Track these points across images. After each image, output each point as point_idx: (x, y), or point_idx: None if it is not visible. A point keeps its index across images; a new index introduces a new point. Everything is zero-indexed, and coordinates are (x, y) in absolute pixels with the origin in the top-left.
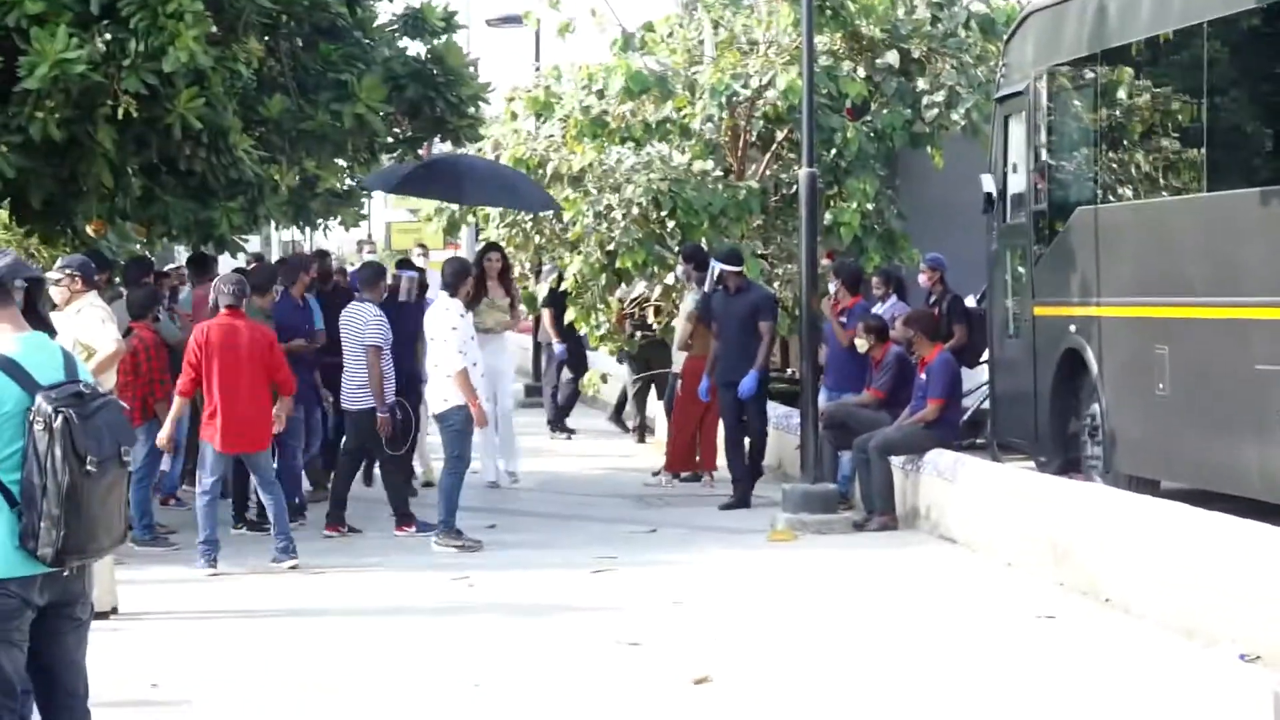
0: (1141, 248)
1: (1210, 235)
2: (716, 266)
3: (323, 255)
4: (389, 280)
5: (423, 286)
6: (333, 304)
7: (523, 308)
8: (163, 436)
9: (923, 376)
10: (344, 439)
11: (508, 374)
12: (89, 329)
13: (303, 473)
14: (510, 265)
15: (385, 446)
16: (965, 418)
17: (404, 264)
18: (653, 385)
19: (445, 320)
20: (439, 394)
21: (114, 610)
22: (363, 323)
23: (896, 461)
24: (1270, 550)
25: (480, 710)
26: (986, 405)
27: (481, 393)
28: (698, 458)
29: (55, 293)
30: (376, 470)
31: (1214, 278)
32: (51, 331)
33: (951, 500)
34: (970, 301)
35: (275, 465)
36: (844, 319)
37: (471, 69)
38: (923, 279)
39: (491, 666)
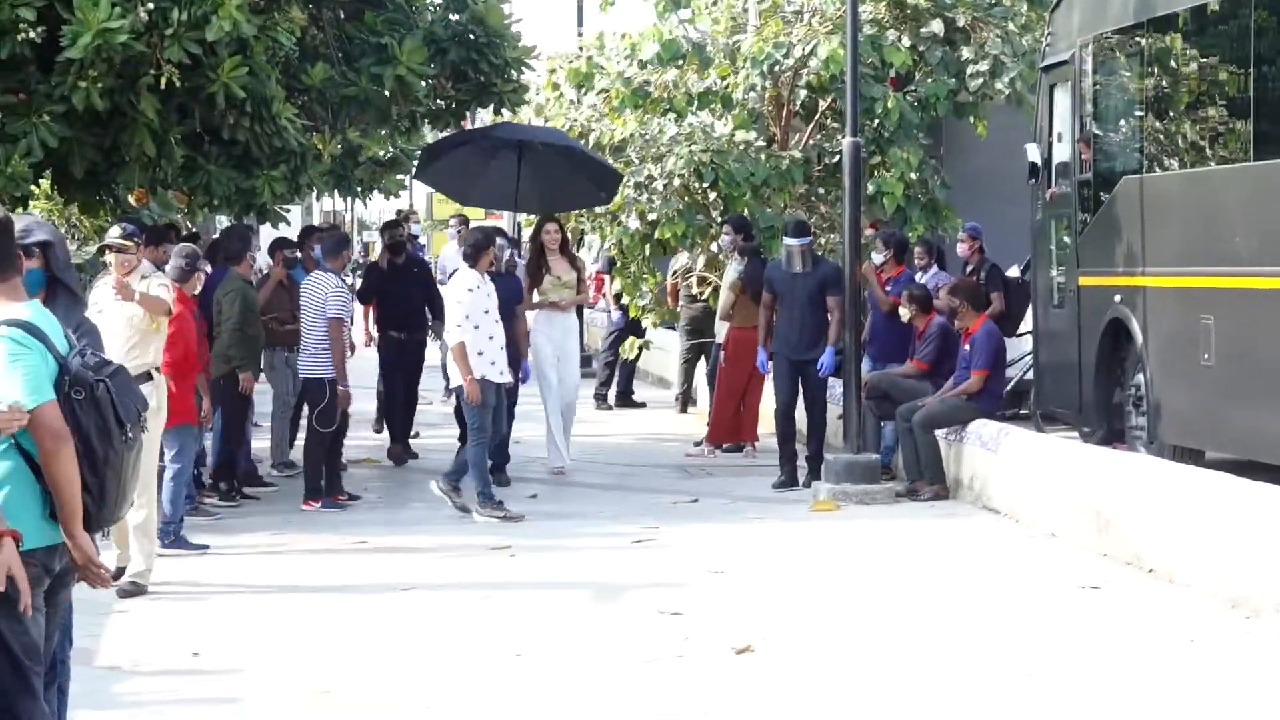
0: (1187, 217)
1: (1257, 204)
2: (786, 242)
3: (393, 225)
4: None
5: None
6: (405, 274)
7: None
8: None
9: (966, 347)
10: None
11: (575, 355)
12: (158, 293)
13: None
14: (569, 238)
15: (315, 419)
16: (1008, 388)
17: (393, 225)
18: (702, 355)
19: (452, 292)
20: (454, 368)
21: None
22: (324, 294)
23: (940, 432)
24: None
25: (522, 680)
26: (1029, 376)
27: (479, 365)
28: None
29: (119, 259)
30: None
31: (1260, 247)
32: (76, 297)
33: (995, 471)
34: (1013, 272)
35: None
36: (889, 288)
37: (514, 29)
38: (961, 248)
39: (533, 637)
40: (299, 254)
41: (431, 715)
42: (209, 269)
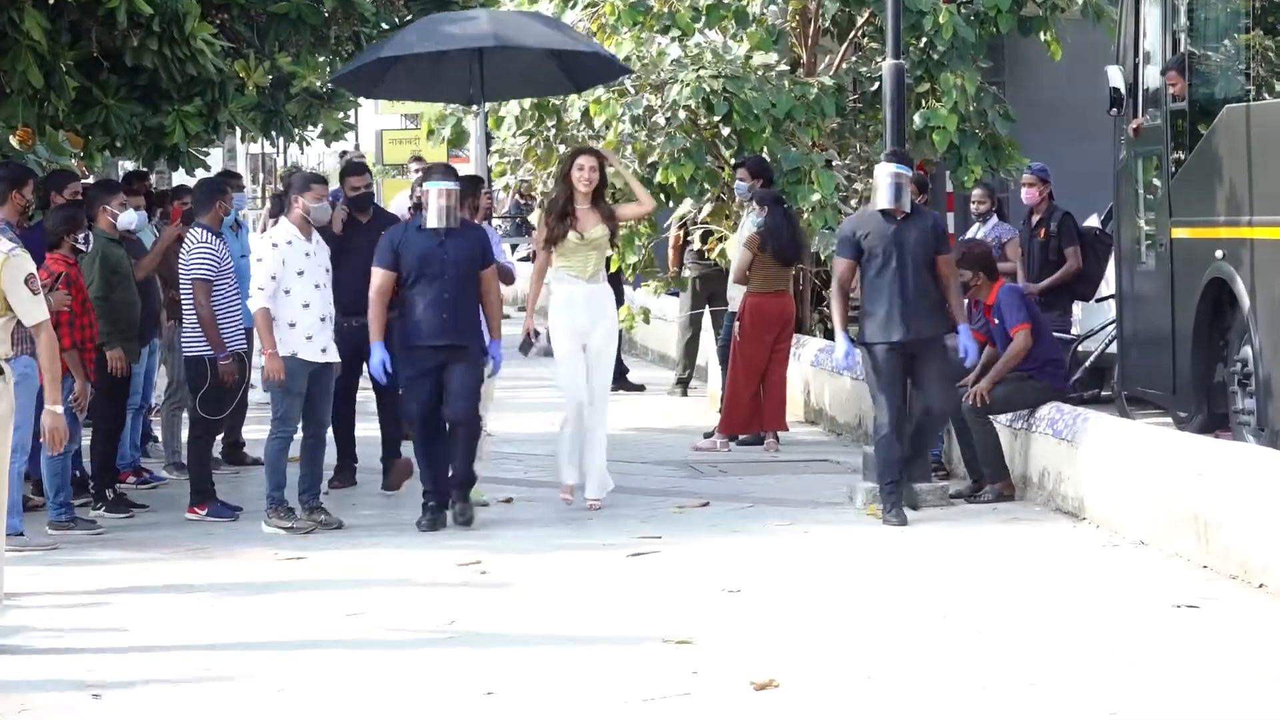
0: None
1: None
2: (888, 169)
3: (355, 170)
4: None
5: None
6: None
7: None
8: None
9: (993, 321)
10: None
11: (609, 346)
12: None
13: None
14: (607, 178)
15: (199, 404)
16: (1088, 364)
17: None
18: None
19: (256, 248)
20: None
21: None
22: (188, 252)
23: (1003, 420)
24: None
25: None
26: (1112, 349)
27: (290, 339)
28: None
29: None
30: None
31: None
32: None
33: (1071, 466)
34: (1091, 222)
35: None
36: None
37: None
38: (1026, 194)
39: (507, 671)
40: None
41: None
42: (86, 231)
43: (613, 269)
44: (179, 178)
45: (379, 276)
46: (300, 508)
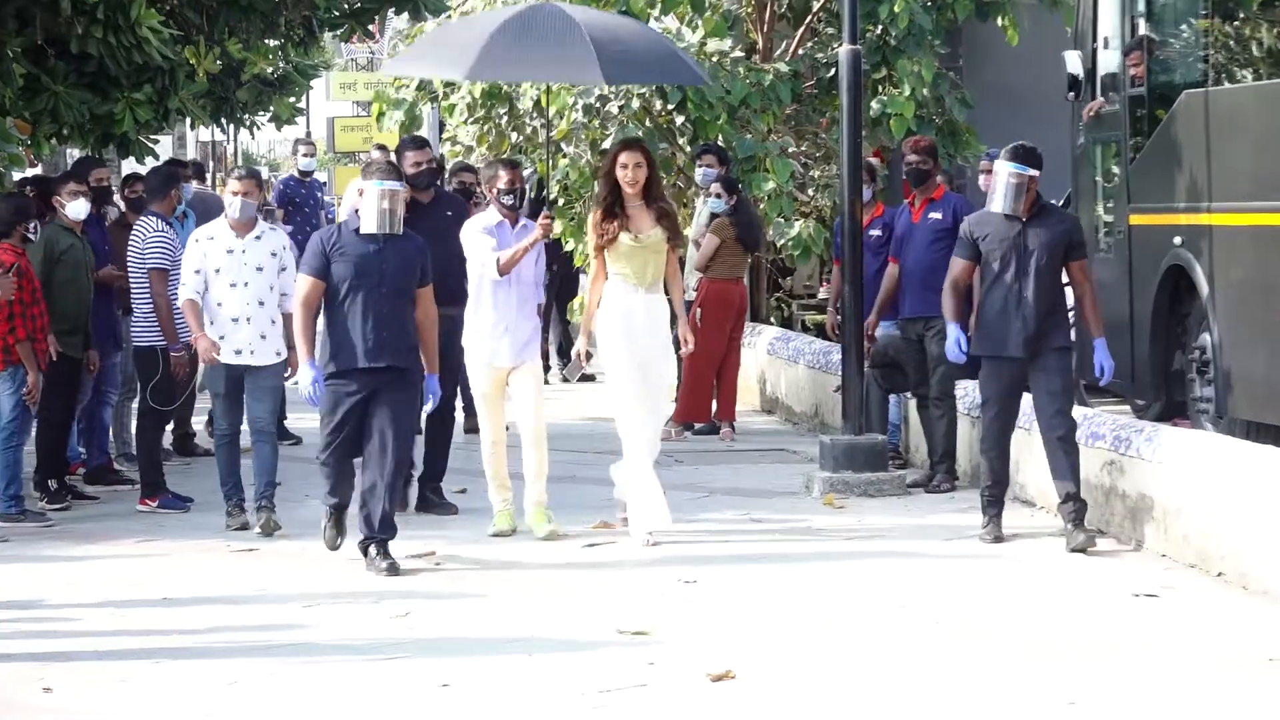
0: (1264, 140)
1: None
2: (1006, 169)
3: (415, 144)
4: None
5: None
6: (435, 220)
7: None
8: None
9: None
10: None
11: (664, 359)
12: None
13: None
14: (658, 174)
15: (150, 395)
16: None
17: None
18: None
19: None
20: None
21: None
22: (142, 241)
23: (963, 409)
24: None
25: (449, 716)
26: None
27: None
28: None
29: None
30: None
31: None
32: None
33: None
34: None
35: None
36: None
37: None
38: (984, 180)
39: (462, 663)
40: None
41: None
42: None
43: (577, 263)
44: (128, 166)
45: (305, 284)
46: (253, 509)
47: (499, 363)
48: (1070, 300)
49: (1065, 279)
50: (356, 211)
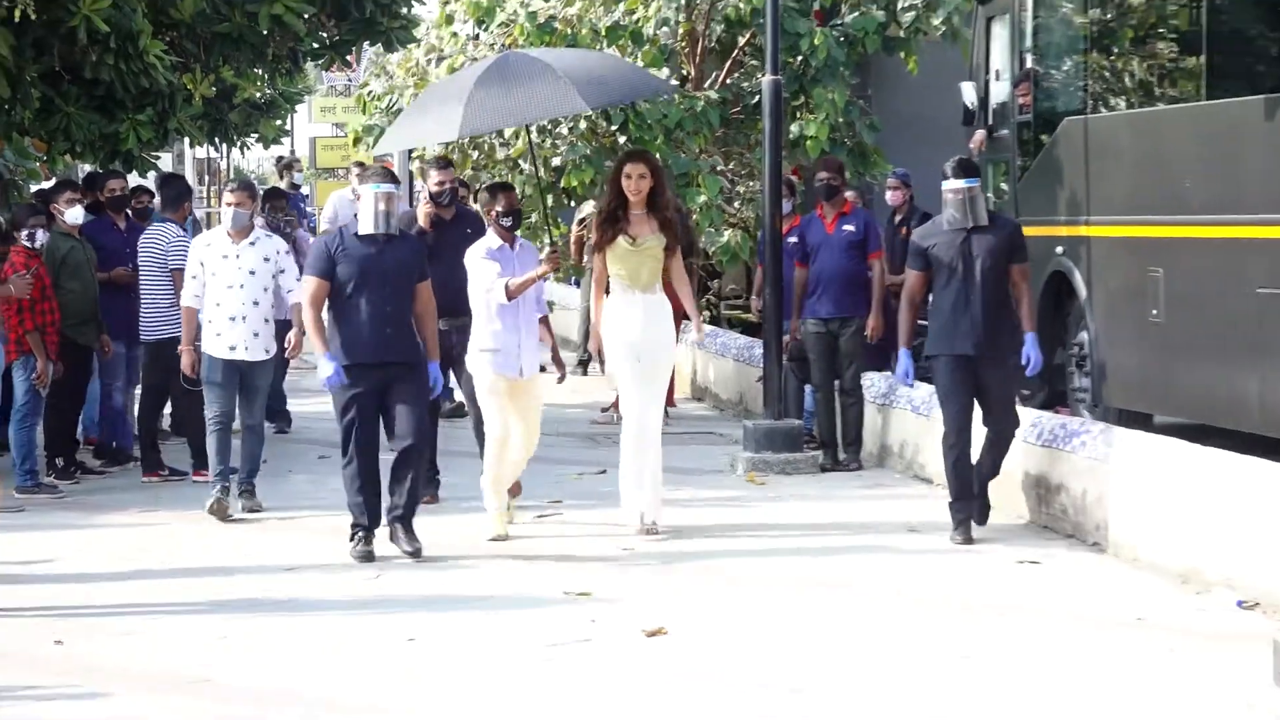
0: (1135, 161)
1: (1209, 147)
2: (954, 186)
3: (441, 164)
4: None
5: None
6: (455, 237)
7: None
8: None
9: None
10: (144, 374)
11: (664, 361)
12: None
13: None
14: (664, 185)
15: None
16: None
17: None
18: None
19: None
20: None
21: None
22: (165, 245)
23: (868, 396)
24: (1271, 490)
25: (415, 665)
26: None
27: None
28: None
29: None
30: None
31: (1213, 194)
32: None
33: (928, 437)
34: None
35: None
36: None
37: None
38: (890, 196)
39: (427, 620)
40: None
41: (314, 704)
42: (40, 230)
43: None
44: (133, 179)
45: (311, 285)
46: (237, 492)
47: (510, 375)
48: None
49: None
50: (355, 215)
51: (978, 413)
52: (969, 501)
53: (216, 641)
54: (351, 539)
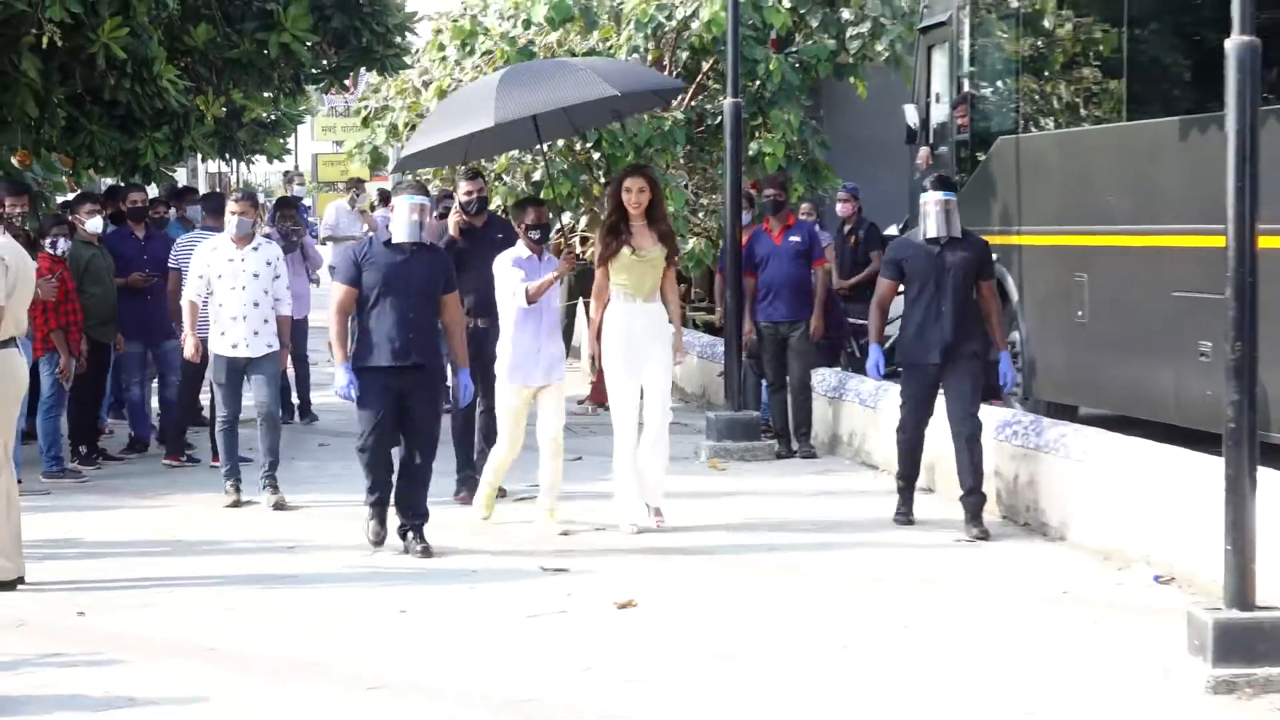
0: (1062, 177)
1: (1129, 164)
2: (934, 197)
3: (472, 176)
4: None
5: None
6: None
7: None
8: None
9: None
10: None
11: (663, 368)
12: None
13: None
14: (662, 198)
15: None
16: (887, 344)
17: (285, 202)
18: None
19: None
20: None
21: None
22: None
23: (820, 390)
24: (1185, 475)
25: (407, 635)
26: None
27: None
28: None
29: None
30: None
31: (1133, 205)
32: None
33: (874, 428)
34: (892, 230)
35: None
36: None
37: None
38: (840, 208)
39: (417, 594)
40: (172, 212)
41: (312, 669)
42: (62, 239)
43: None
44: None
45: (339, 292)
46: (261, 484)
47: (532, 382)
48: None
49: None
50: (387, 225)
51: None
52: (913, 481)
53: (225, 613)
54: (370, 518)
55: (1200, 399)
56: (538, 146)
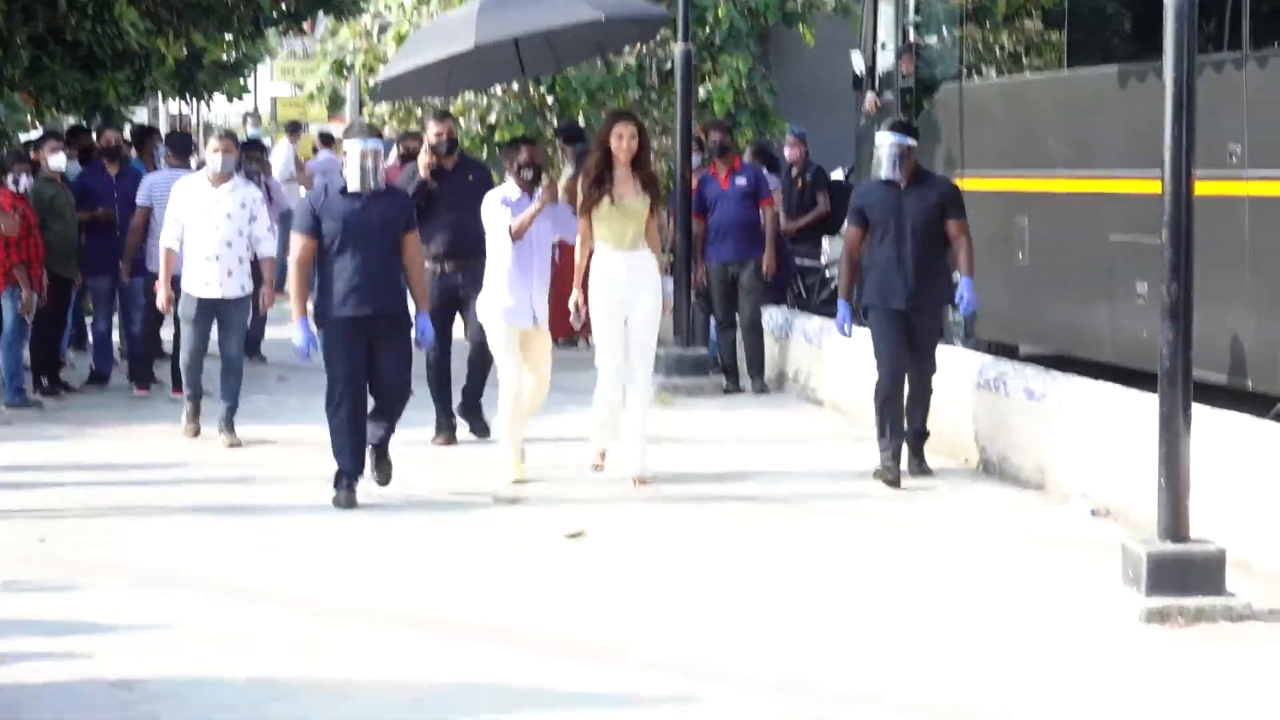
0: (1004, 123)
1: (1070, 112)
2: (888, 140)
3: (441, 117)
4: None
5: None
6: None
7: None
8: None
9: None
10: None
11: (649, 317)
12: None
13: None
14: (649, 145)
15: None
16: (832, 286)
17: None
18: None
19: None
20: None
21: None
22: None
23: (766, 328)
24: (1121, 412)
25: (355, 566)
26: None
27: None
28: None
29: None
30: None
31: (1071, 152)
32: None
33: (818, 365)
34: (838, 174)
35: None
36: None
37: None
38: (788, 152)
39: (369, 520)
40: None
41: (273, 598)
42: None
43: None
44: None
45: (298, 244)
46: (219, 428)
47: (521, 324)
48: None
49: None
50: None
51: None
52: (898, 440)
53: (186, 542)
54: (335, 485)
55: (1136, 339)
56: (502, 84)
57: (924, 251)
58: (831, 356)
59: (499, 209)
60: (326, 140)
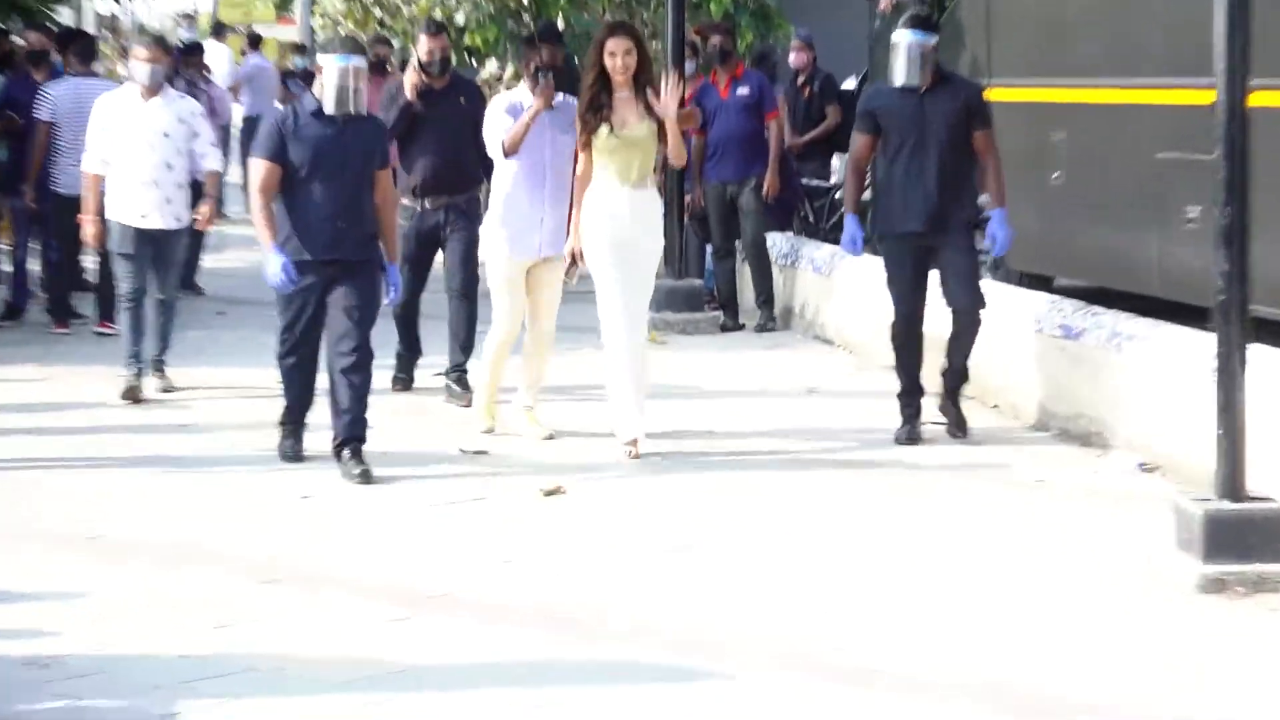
0: (1036, 25)
1: (1111, 12)
2: (906, 38)
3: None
4: None
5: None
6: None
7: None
8: None
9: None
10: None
11: (649, 258)
12: None
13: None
14: (650, 59)
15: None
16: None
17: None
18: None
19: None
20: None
21: None
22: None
23: (770, 257)
24: (1169, 352)
25: (309, 522)
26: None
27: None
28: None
29: None
30: None
31: (1114, 57)
32: None
33: (828, 299)
34: (850, 84)
35: None
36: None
37: None
38: (794, 57)
39: (320, 478)
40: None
41: (204, 559)
42: None
43: None
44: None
45: (261, 168)
46: (148, 369)
47: (528, 256)
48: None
49: None
50: (309, 91)
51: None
52: (917, 395)
53: (109, 498)
54: (281, 434)
55: (1186, 269)
56: None
57: (948, 165)
58: (843, 289)
59: (500, 117)
60: (255, 42)
